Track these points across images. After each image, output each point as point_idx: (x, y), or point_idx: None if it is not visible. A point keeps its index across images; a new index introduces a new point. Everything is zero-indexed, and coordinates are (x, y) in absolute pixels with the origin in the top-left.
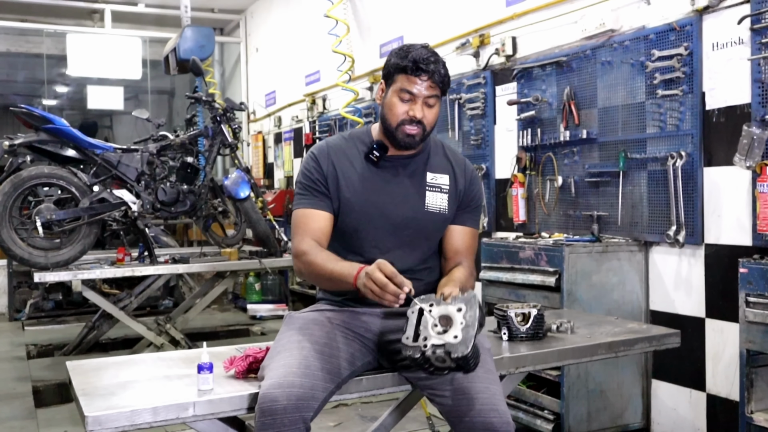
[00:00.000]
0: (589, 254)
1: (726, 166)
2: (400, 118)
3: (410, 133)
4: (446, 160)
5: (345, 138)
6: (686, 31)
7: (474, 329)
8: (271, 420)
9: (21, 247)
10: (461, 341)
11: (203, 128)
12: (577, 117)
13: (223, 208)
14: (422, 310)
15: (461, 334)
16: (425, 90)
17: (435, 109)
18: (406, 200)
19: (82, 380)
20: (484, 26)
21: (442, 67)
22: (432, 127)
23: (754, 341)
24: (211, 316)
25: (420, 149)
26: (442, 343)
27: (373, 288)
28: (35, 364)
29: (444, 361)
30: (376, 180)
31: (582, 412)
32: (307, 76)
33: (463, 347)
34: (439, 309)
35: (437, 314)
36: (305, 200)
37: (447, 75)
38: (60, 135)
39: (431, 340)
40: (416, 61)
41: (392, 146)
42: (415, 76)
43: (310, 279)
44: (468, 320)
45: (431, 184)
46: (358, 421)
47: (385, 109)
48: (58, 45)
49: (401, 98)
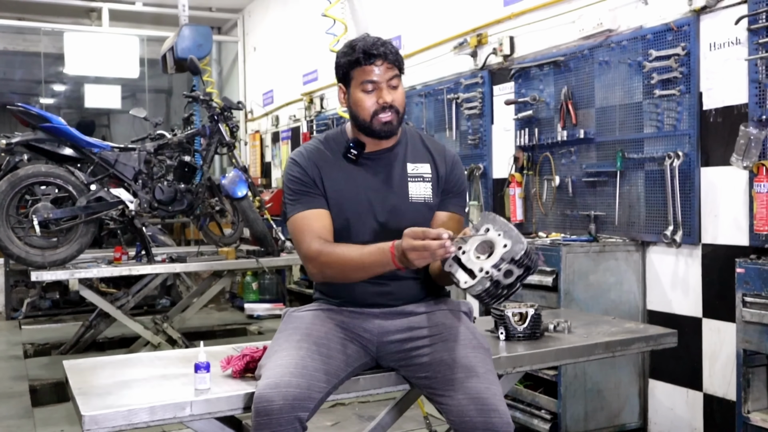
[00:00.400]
0: (586, 254)
1: (723, 166)
2: (372, 109)
3: (386, 120)
4: (425, 149)
5: (321, 141)
6: (683, 31)
7: (513, 229)
8: (266, 420)
9: (18, 245)
10: (513, 243)
11: (201, 127)
12: (575, 117)
13: (221, 207)
14: (457, 257)
15: (507, 240)
16: (385, 73)
17: (400, 89)
18: (389, 193)
19: (79, 379)
20: (481, 26)
21: (391, 46)
22: (404, 109)
23: (750, 341)
24: (208, 316)
25: (397, 140)
26: (499, 258)
27: (422, 256)
28: (32, 363)
29: (511, 272)
30: (358, 177)
31: (579, 411)
32: (304, 75)
33: (520, 245)
34: (470, 244)
35: (472, 248)
36: (299, 204)
37: (399, 53)
38: (57, 134)
39: (487, 265)
40: (365, 50)
41: (368, 140)
42: (370, 64)
43: (335, 276)
44: (502, 227)
45: (413, 174)
46: (356, 421)
47: (354, 107)
48: (55, 43)
49: (365, 90)
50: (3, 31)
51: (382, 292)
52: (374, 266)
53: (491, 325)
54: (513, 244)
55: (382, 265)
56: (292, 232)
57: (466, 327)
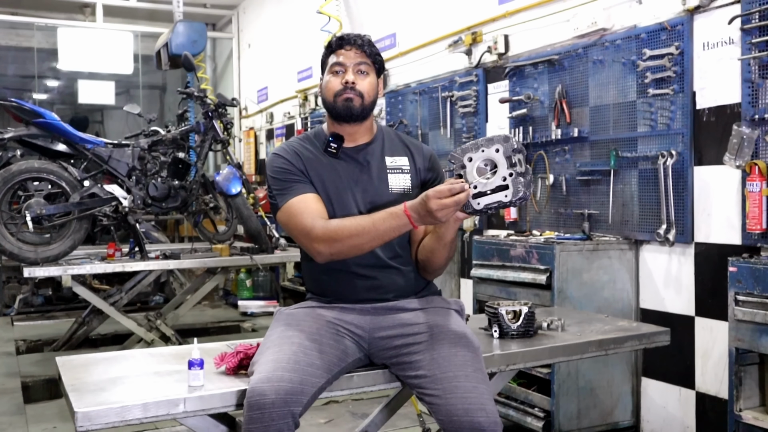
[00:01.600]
0: (579, 252)
1: (716, 165)
2: (336, 89)
3: (347, 96)
4: (402, 144)
5: (301, 139)
6: (677, 30)
7: (486, 138)
8: (259, 414)
9: (10, 241)
10: (501, 142)
11: (195, 124)
12: (569, 115)
13: (215, 204)
14: (476, 193)
15: (495, 145)
16: (353, 58)
17: (370, 78)
18: (370, 186)
19: (71, 376)
20: (476, 24)
21: (367, 39)
22: (372, 99)
23: (743, 339)
24: (201, 313)
25: (373, 137)
26: (505, 159)
27: (450, 211)
28: (24, 359)
29: (521, 160)
30: (340, 170)
31: (572, 409)
32: (299, 72)
33: (506, 140)
34: (472, 179)
35: (476, 179)
36: (290, 191)
37: (375, 48)
38: (50, 129)
39: (504, 171)
40: (339, 36)
41: (345, 133)
42: (341, 48)
43: (343, 250)
44: (478, 146)
45: (391, 166)
46: (349, 418)
47: (323, 91)
48: (49, 39)
49: (333, 72)
50: None
51: (372, 285)
52: (390, 231)
53: (485, 323)
54: (502, 143)
55: (398, 228)
56: (288, 219)
57: (457, 325)
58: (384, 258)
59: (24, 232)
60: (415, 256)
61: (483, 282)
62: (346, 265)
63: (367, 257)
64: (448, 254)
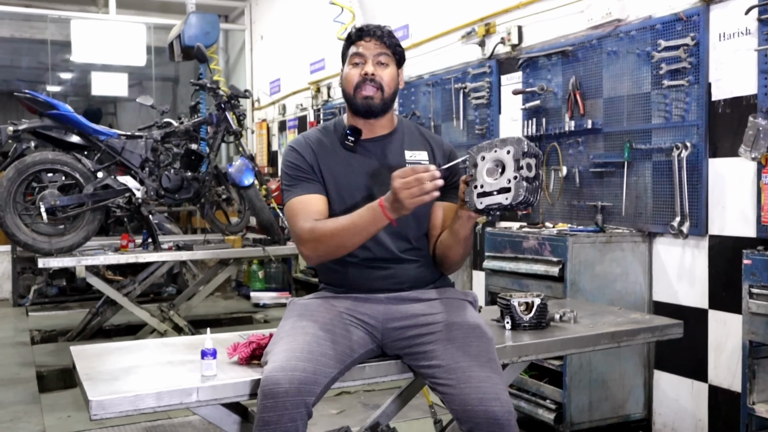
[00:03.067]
0: (592, 244)
1: (731, 158)
2: (355, 81)
3: (367, 94)
4: (422, 138)
5: (319, 130)
6: (693, 21)
7: (501, 138)
8: (273, 403)
9: (25, 232)
10: (513, 144)
11: (207, 115)
12: (582, 107)
13: (227, 195)
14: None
15: (507, 147)
16: (373, 49)
17: (390, 69)
18: (388, 180)
19: (86, 365)
20: (489, 15)
21: (388, 30)
22: (392, 91)
23: (756, 332)
24: (214, 304)
25: (393, 128)
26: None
27: (413, 193)
28: (39, 349)
29: (531, 165)
30: (356, 165)
31: (584, 402)
32: (311, 64)
33: (519, 142)
34: (480, 177)
35: (484, 178)
36: (295, 189)
37: (395, 39)
38: (64, 121)
39: (510, 174)
40: (359, 28)
41: (364, 126)
42: (361, 39)
43: (329, 250)
44: (492, 146)
45: (410, 161)
46: (361, 409)
47: (343, 83)
48: (62, 31)
49: (353, 64)
50: (10, 18)
51: (385, 276)
52: (367, 225)
53: (497, 314)
54: (514, 145)
55: (374, 221)
56: (287, 217)
57: (471, 316)
58: (398, 250)
59: (38, 223)
60: (433, 251)
61: (495, 274)
62: (361, 257)
63: (381, 249)
64: (464, 251)
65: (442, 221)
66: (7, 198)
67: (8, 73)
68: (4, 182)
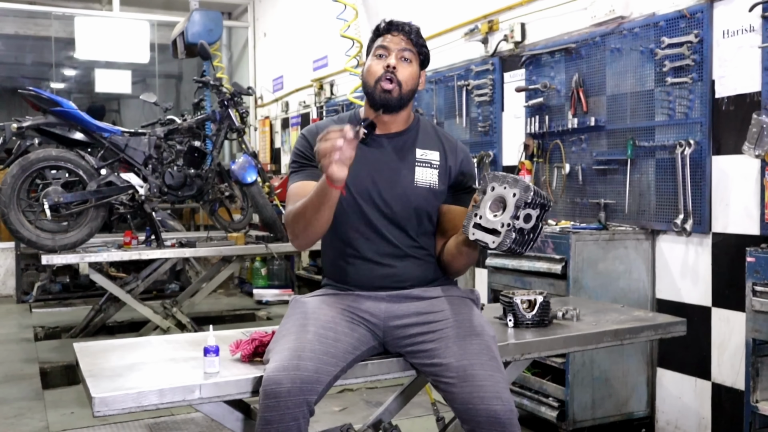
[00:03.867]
0: (595, 242)
1: (735, 155)
2: (377, 74)
3: (386, 88)
4: (436, 138)
5: (334, 120)
6: (697, 18)
7: (517, 177)
8: (275, 402)
9: (29, 229)
10: (520, 189)
11: (211, 112)
12: (586, 104)
13: (230, 192)
14: (477, 223)
15: (514, 189)
16: (398, 43)
17: (411, 67)
18: (395, 176)
19: (89, 362)
20: (492, 12)
21: (416, 27)
22: (410, 89)
23: (760, 330)
24: (217, 301)
25: (408, 126)
26: (514, 207)
27: (328, 154)
28: (42, 346)
29: (530, 216)
30: (366, 157)
31: (587, 399)
32: (314, 61)
33: (527, 189)
34: (482, 207)
35: (486, 210)
36: (298, 175)
37: (422, 38)
38: (68, 118)
39: (506, 218)
40: (388, 22)
41: (378, 121)
42: (388, 33)
43: (303, 229)
44: (505, 180)
45: (420, 159)
46: (363, 406)
47: (365, 74)
48: (66, 28)
49: (376, 56)
50: (14, 16)
51: (388, 273)
52: (318, 196)
53: (500, 312)
54: (521, 190)
55: (322, 190)
56: (286, 200)
57: (473, 314)
58: (402, 247)
59: (42, 220)
60: (439, 254)
61: (498, 271)
62: (365, 252)
63: (384, 246)
64: (467, 261)
65: (451, 224)
66: (11, 195)
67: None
68: (8, 179)
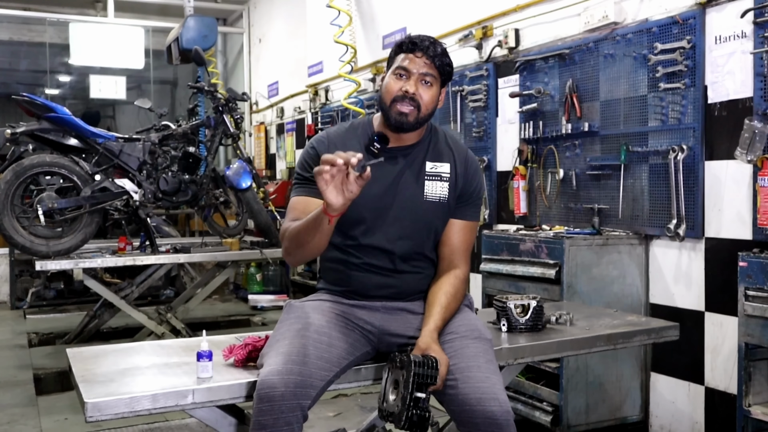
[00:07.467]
0: (589, 247)
1: (727, 160)
2: (394, 94)
3: (402, 110)
4: (447, 148)
5: (346, 128)
6: (689, 24)
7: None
8: (268, 406)
9: (23, 235)
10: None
11: (205, 118)
12: (579, 110)
13: (225, 198)
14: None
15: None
16: (420, 66)
17: (432, 90)
18: (405, 190)
19: (82, 367)
20: (487, 18)
21: (441, 49)
22: (429, 111)
23: (752, 335)
24: (212, 306)
25: (420, 138)
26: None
27: (326, 180)
28: (36, 352)
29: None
30: (376, 171)
31: (580, 404)
32: (309, 67)
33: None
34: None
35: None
36: (302, 189)
37: (446, 58)
38: (62, 124)
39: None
40: (412, 39)
41: (392, 135)
42: (411, 52)
43: (295, 249)
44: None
45: (430, 173)
46: (358, 412)
47: (382, 90)
48: (60, 34)
49: (396, 75)
50: (8, 22)
51: (385, 284)
52: (314, 221)
53: (493, 317)
54: (406, 372)
55: (319, 220)
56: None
57: (468, 319)
58: (406, 259)
59: (36, 226)
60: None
61: (492, 276)
62: (367, 261)
63: (384, 256)
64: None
65: (452, 242)
66: (5, 201)
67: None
68: (2, 185)
